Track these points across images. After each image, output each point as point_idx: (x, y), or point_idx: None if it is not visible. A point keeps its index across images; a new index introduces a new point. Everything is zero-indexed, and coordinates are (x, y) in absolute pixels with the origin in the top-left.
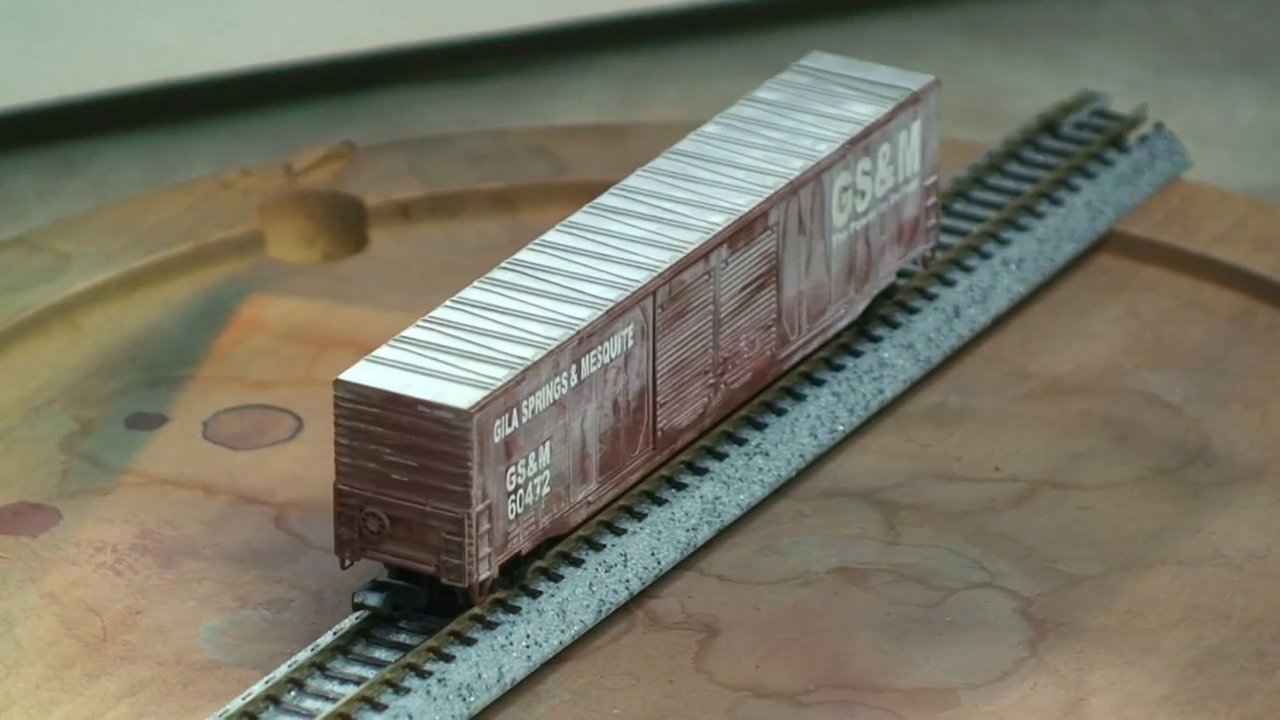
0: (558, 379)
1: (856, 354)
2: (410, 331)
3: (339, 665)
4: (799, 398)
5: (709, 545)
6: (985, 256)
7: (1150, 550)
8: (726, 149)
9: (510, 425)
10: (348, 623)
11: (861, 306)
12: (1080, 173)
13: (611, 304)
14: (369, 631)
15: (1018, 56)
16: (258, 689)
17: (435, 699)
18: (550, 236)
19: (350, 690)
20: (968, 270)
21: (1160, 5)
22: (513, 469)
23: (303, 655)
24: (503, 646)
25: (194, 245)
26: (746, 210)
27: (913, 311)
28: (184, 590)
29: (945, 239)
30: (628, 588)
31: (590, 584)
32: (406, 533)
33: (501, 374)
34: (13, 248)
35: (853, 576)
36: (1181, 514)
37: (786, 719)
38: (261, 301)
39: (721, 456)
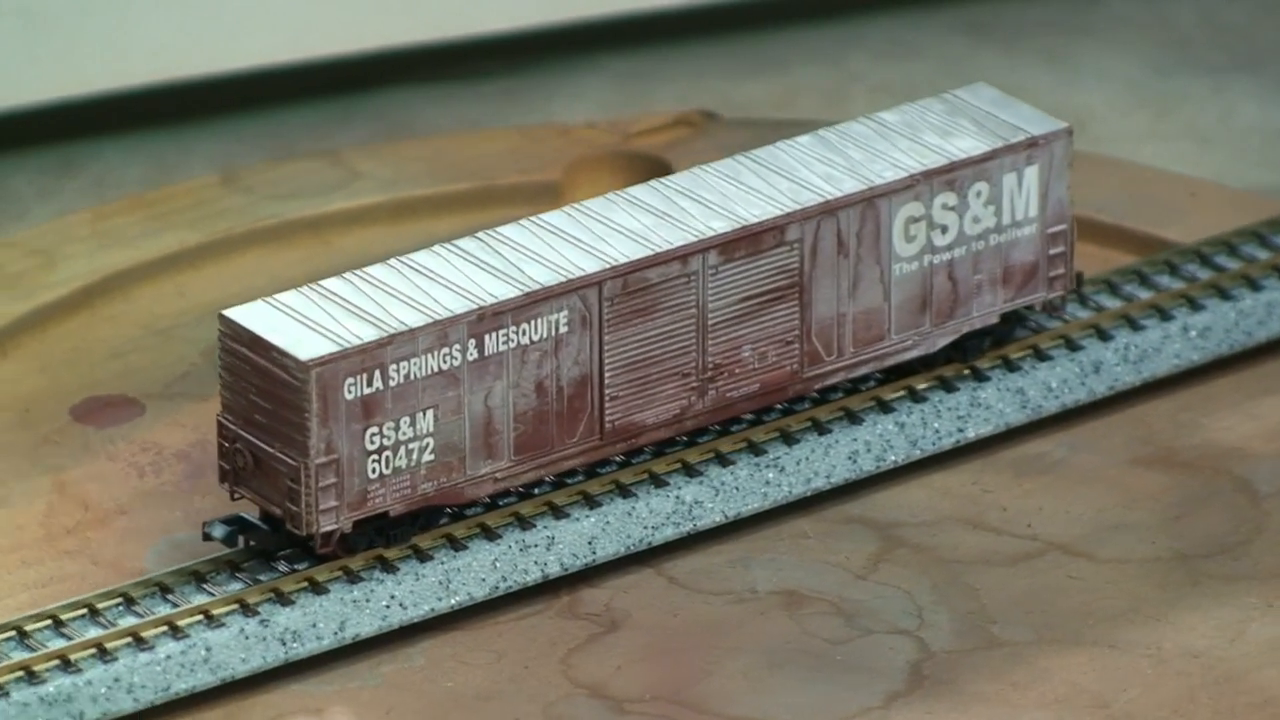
0: (446, 350)
1: (950, 389)
2: (328, 281)
3: (185, 590)
4: (856, 420)
5: (685, 547)
6: (1166, 318)
7: (1094, 629)
8: (798, 160)
9: (371, 385)
10: (230, 553)
11: (942, 342)
12: None
13: (536, 287)
14: (239, 564)
15: (1018, 56)
16: (88, 595)
17: (248, 638)
18: (548, 216)
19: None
20: (1137, 328)
21: (1160, 5)
22: (374, 429)
23: (158, 574)
24: (355, 602)
25: (483, 184)
26: (751, 221)
27: (1044, 358)
28: (182, 501)
29: (1143, 293)
30: (543, 571)
31: (495, 560)
32: (264, 474)
33: (368, 334)
34: (315, 159)
35: (790, 602)
36: (1160, 600)
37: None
38: None
39: (729, 463)
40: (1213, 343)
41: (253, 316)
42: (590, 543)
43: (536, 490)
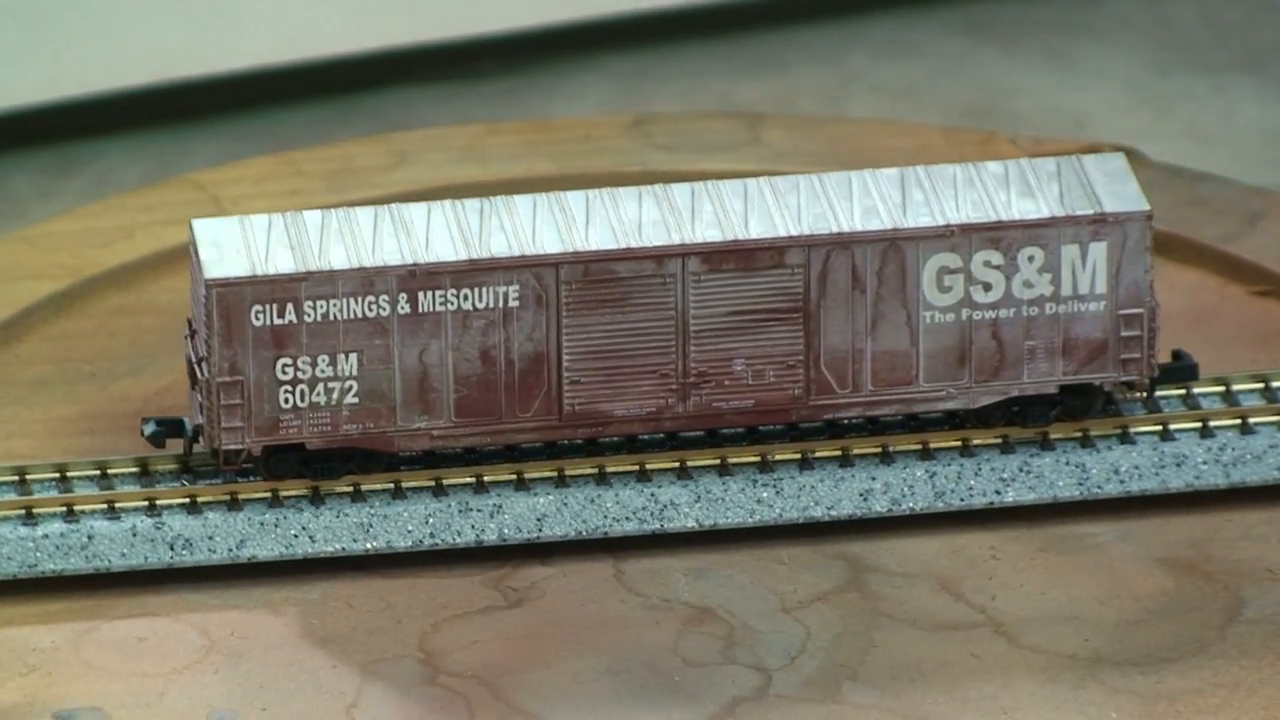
0: (372, 298)
1: (1005, 450)
2: (309, 212)
3: (123, 481)
4: (887, 460)
5: (661, 546)
6: None
7: (939, 708)
8: (859, 189)
9: (283, 317)
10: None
11: (985, 400)
12: None
13: (485, 257)
14: (190, 466)
15: (1018, 56)
16: (27, 462)
17: (136, 536)
18: (569, 194)
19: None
20: (1246, 431)
21: (1160, 5)
22: (286, 360)
23: (109, 458)
24: (264, 524)
25: (829, 171)
26: (742, 237)
27: (1126, 440)
28: None
29: None
30: (478, 537)
31: (430, 515)
32: (196, 384)
33: (286, 267)
34: (732, 119)
35: (695, 618)
36: (1029, 696)
37: (399, 687)
38: None
39: (726, 472)
40: None
41: (208, 229)
42: (539, 520)
43: (529, 460)
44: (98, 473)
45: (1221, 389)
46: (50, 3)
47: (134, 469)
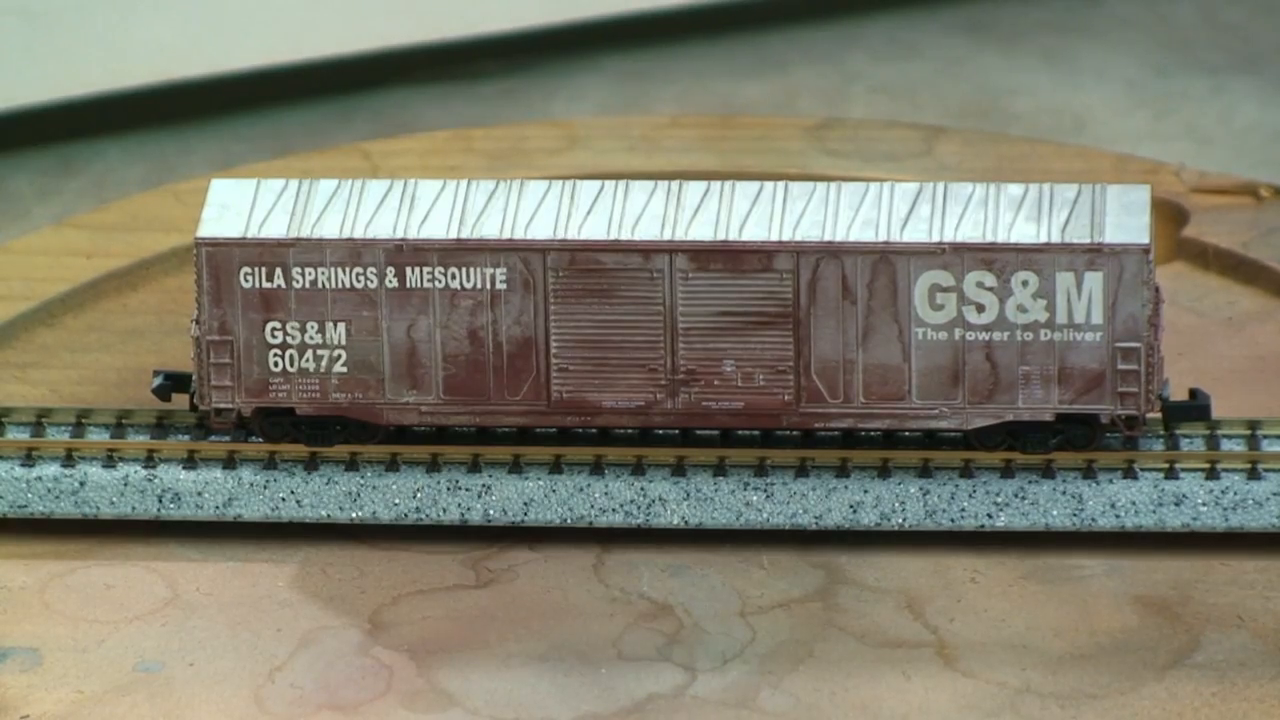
0: (359, 269)
1: (1005, 475)
2: (323, 180)
3: (134, 431)
4: (884, 475)
5: (649, 539)
6: None
7: (842, 716)
8: (870, 201)
9: (272, 281)
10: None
11: (979, 422)
12: None
13: (473, 237)
14: (203, 422)
15: (1018, 56)
16: (55, 405)
17: (128, 485)
18: (583, 182)
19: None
20: (1255, 477)
21: (1160, 5)
22: (275, 324)
23: (134, 408)
24: (252, 485)
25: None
26: (733, 239)
27: (1129, 475)
28: None
29: None
30: (463, 515)
31: (419, 489)
32: None
33: (277, 231)
34: (913, 129)
35: (651, 613)
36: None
37: (330, 655)
38: None
39: (720, 473)
40: None
41: (223, 190)
42: (526, 504)
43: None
44: (114, 422)
45: (1247, 432)
46: (50, 3)
47: (150, 421)
